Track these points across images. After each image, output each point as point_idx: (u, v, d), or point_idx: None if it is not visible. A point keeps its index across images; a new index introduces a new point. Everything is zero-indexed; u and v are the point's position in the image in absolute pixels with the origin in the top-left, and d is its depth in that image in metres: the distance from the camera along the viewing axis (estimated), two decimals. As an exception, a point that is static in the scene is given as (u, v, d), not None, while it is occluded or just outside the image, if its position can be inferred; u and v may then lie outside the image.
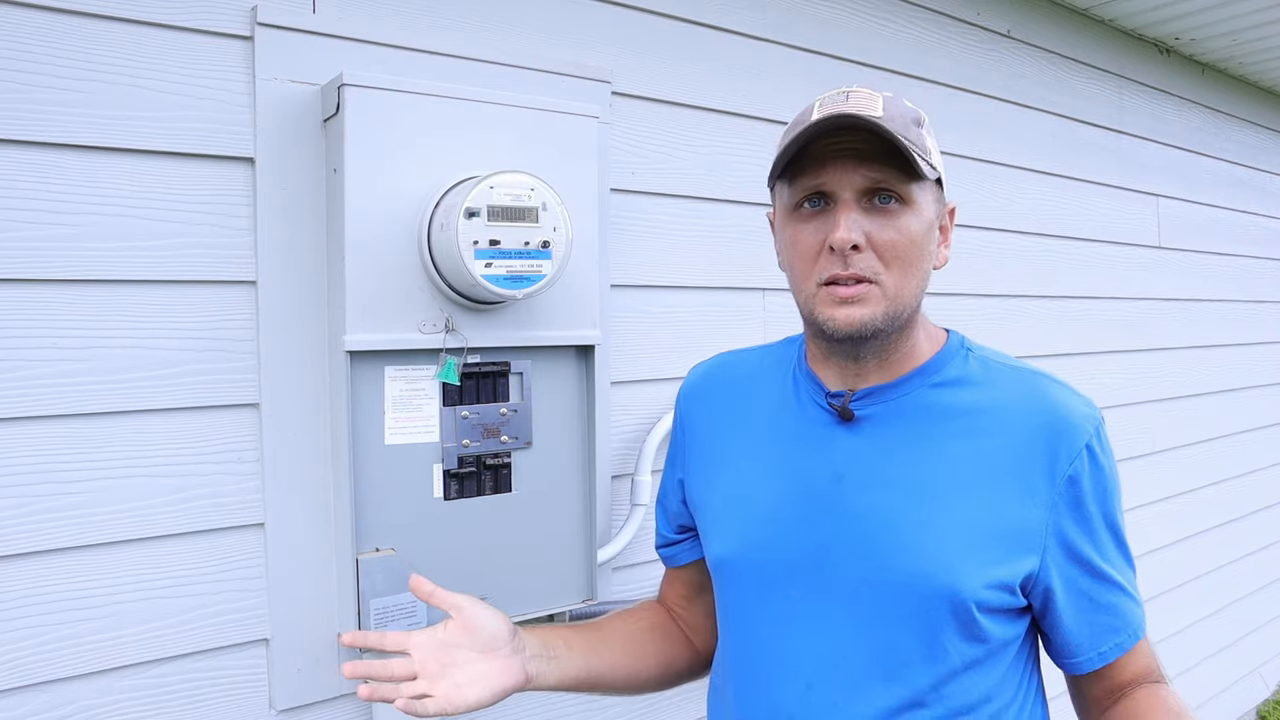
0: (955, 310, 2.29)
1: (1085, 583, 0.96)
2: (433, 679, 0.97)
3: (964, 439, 0.95)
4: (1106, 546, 0.97)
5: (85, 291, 1.17)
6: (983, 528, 0.92)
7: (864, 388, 0.99)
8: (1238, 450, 3.40)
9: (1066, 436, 0.94)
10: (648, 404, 1.71)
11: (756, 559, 1.01)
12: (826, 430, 1.00)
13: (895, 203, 0.91)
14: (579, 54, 1.61)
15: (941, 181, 0.97)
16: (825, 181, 0.91)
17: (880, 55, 2.12)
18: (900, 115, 0.92)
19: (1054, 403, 0.96)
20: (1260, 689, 3.61)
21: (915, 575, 0.92)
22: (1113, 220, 2.82)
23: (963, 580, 0.91)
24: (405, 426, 1.32)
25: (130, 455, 1.20)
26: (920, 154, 0.90)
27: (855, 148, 0.90)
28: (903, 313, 0.93)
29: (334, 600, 1.33)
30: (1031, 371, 1.00)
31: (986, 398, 0.97)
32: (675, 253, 1.75)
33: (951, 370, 0.99)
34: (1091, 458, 0.94)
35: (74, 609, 1.17)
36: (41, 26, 1.14)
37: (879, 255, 0.91)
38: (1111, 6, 2.64)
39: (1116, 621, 0.98)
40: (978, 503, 0.93)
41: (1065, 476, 0.93)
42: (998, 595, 0.92)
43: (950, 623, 0.92)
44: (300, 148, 1.31)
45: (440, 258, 1.26)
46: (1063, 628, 0.97)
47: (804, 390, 1.04)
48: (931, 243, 0.95)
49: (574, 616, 1.56)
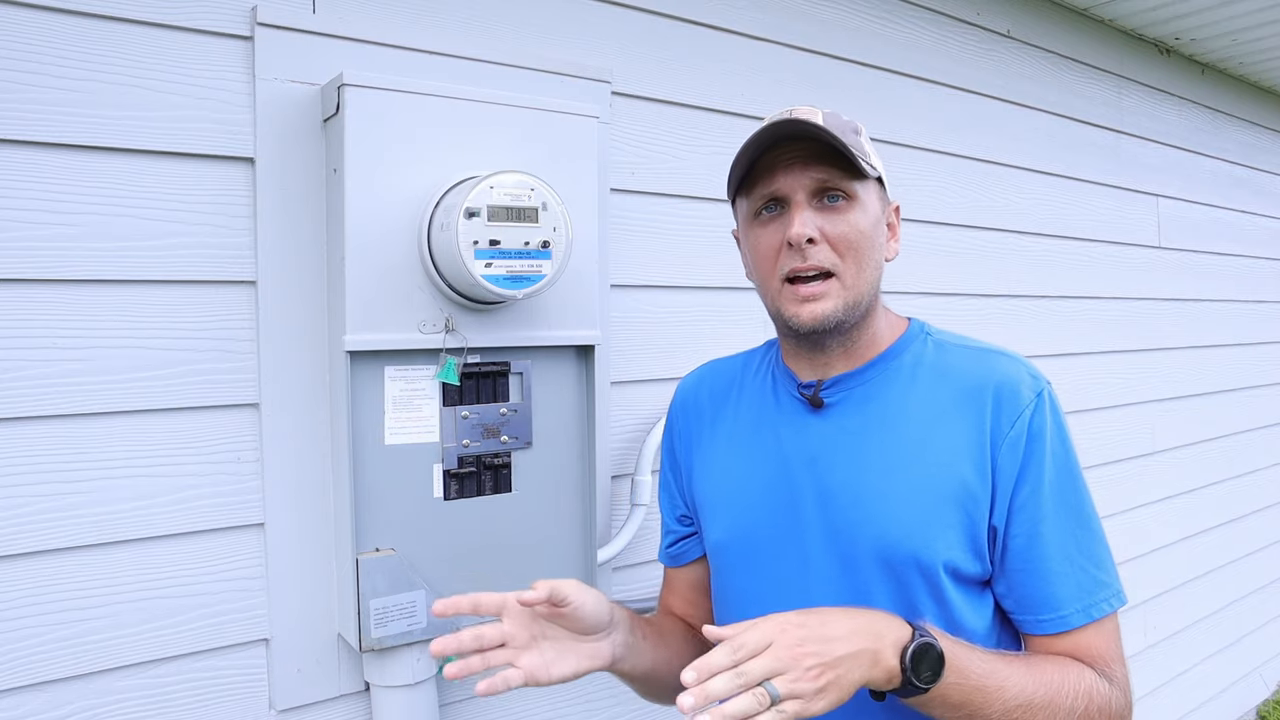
0: (955, 310, 2.29)
1: (1022, 542, 0.98)
2: (519, 650, 0.95)
3: (921, 412, 1.03)
4: (1049, 510, 0.98)
5: (85, 291, 1.17)
6: (939, 494, 0.99)
7: (832, 376, 1.07)
8: (1238, 450, 3.40)
9: (1010, 400, 1.00)
10: (648, 404, 1.71)
11: (746, 541, 1.09)
12: (801, 418, 1.09)
13: (843, 200, 1.01)
14: (579, 54, 1.61)
15: (883, 181, 1.07)
16: (779, 187, 1.01)
17: (880, 55, 2.12)
18: (839, 125, 1.02)
19: (1000, 372, 1.02)
20: (1260, 689, 3.61)
21: (882, 543, 0.99)
22: (1112, 220, 2.82)
23: (927, 543, 0.98)
24: (405, 426, 1.32)
25: (130, 455, 1.20)
26: (860, 155, 1.00)
27: (801, 154, 1.00)
28: (861, 302, 1.02)
29: (334, 600, 1.33)
30: (983, 348, 1.08)
31: (942, 375, 1.05)
32: (675, 253, 1.75)
33: (911, 353, 1.07)
34: (1035, 420, 0.99)
35: (74, 609, 1.17)
36: (41, 26, 1.14)
37: (833, 248, 1.00)
38: (1111, 6, 2.64)
39: (1060, 592, 0.98)
40: (934, 470, 1.00)
41: (1008, 439, 0.99)
42: (963, 557, 0.98)
43: (922, 587, 0.98)
44: (300, 148, 1.31)
45: (440, 258, 1.26)
46: (998, 588, 1.00)
47: (780, 384, 1.13)
48: (880, 236, 1.05)
49: (574, 616, 1.56)
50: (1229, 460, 3.34)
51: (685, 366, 1.77)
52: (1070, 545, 0.99)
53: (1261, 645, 3.61)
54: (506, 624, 0.95)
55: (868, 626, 0.86)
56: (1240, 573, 3.43)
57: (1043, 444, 0.99)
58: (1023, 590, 0.99)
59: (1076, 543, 0.99)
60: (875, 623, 0.87)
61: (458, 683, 1.46)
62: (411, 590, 1.30)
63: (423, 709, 1.36)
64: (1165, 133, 3.03)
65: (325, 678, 1.34)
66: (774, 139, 1.00)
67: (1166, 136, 3.03)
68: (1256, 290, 3.53)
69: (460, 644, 0.92)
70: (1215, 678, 3.29)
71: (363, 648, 1.26)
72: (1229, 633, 3.37)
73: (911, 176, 2.20)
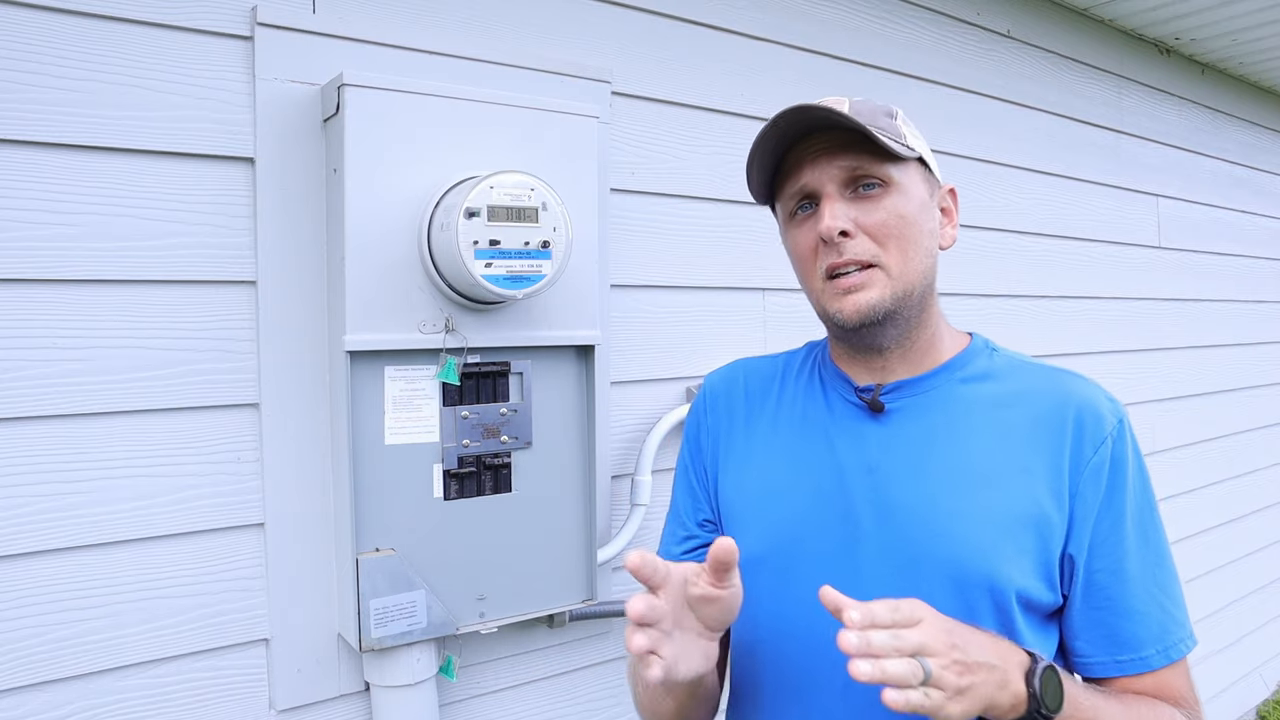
0: (955, 310, 2.27)
1: (1105, 578, 0.92)
2: (660, 639, 0.80)
3: (992, 430, 0.96)
4: (1133, 545, 0.93)
5: (85, 291, 1.17)
6: (1014, 516, 0.92)
7: (892, 381, 0.99)
8: (1238, 450, 3.39)
9: (1093, 425, 0.94)
10: (648, 404, 1.71)
11: (787, 553, 0.99)
12: (857, 424, 1.00)
13: (878, 187, 0.94)
14: (579, 54, 1.61)
15: (926, 162, 0.98)
16: (806, 181, 0.95)
17: (880, 55, 2.12)
18: (869, 109, 0.94)
19: (1079, 396, 0.96)
20: (1260, 689, 3.61)
21: (953, 563, 0.91)
22: (1112, 220, 2.82)
23: (1000, 567, 0.90)
24: (405, 426, 1.32)
25: (130, 455, 1.20)
26: (891, 137, 0.92)
27: (827, 145, 0.93)
28: (911, 291, 0.94)
29: (334, 600, 1.33)
30: (1056, 369, 1.01)
31: (1013, 391, 0.98)
32: (675, 253, 1.75)
33: (977, 366, 1.01)
34: (1117, 446, 0.94)
35: (74, 609, 1.17)
36: (41, 26, 1.14)
37: (873, 238, 0.93)
38: (1111, 6, 2.64)
39: (1141, 632, 0.92)
40: (1008, 492, 0.92)
41: (1091, 465, 0.92)
42: (1035, 585, 0.91)
43: (990, 614, 0.90)
44: (300, 148, 1.31)
45: (440, 258, 1.26)
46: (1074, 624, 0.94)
47: (831, 387, 1.04)
48: (928, 221, 0.97)
49: (574, 617, 1.56)
50: (1229, 460, 3.34)
51: (685, 366, 1.78)
52: (1151, 583, 0.94)
53: (1261, 645, 3.61)
54: (664, 603, 0.80)
55: (994, 645, 0.80)
56: (1240, 573, 3.43)
57: (1125, 473, 0.93)
58: (1103, 629, 0.93)
59: (1156, 580, 0.94)
60: (999, 644, 0.81)
61: (458, 683, 1.46)
62: (411, 590, 1.30)
63: (423, 709, 1.36)
64: (1165, 133, 3.03)
65: (325, 678, 1.34)
66: (793, 134, 0.94)
67: (1166, 136, 3.03)
68: (1256, 290, 3.53)
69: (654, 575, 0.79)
70: (1215, 678, 3.28)
71: (363, 648, 1.26)
72: (1229, 633, 3.37)
73: (911, 176, 2.20)
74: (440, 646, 1.40)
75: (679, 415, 1.69)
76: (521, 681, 1.56)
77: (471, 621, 1.36)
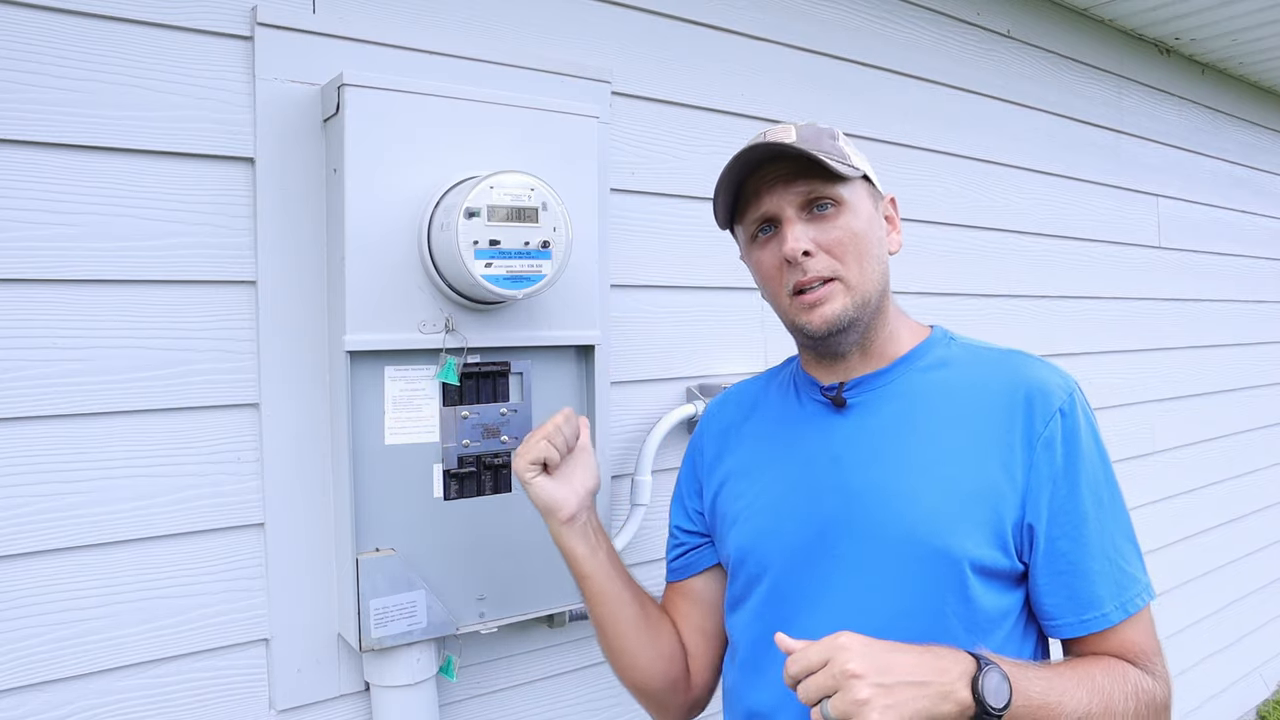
0: (955, 310, 2.29)
1: (1065, 544, 0.99)
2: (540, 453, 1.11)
3: (947, 413, 1.04)
4: (1089, 510, 1.00)
5: (85, 291, 1.17)
6: (968, 492, 1.00)
7: (854, 378, 1.09)
8: (1238, 450, 3.39)
9: (1041, 401, 1.01)
10: (648, 404, 1.71)
11: (769, 544, 1.09)
12: (824, 420, 1.10)
13: (831, 207, 1.04)
14: (579, 54, 1.61)
15: (869, 178, 1.09)
16: (767, 208, 1.05)
17: (880, 55, 2.12)
18: (813, 135, 1.05)
19: (1030, 375, 1.04)
20: (1260, 689, 3.61)
21: (911, 538, 0.99)
22: (1112, 220, 2.82)
23: (955, 539, 0.98)
24: (405, 426, 1.32)
25: (130, 455, 1.20)
26: (837, 159, 1.03)
27: (782, 172, 1.04)
28: (870, 299, 1.05)
29: (334, 600, 1.33)
30: (1011, 351, 1.10)
31: (967, 377, 1.07)
32: (675, 253, 1.75)
33: (935, 355, 1.10)
34: (1067, 420, 1.01)
35: (74, 609, 1.17)
36: (41, 26, 1.14)
37: (831, 254, 1.03)
38: (1111, 6, 2.64)
39: (1100, 590, 0.99)
40: (962, 469, 1.01)
41: (1042, 438, 1.00)
42: (990, 554, 0.98)
43: (949, 583, 0.98)
44: (300, 148, 1.31)
45: (440, 258, 1.26)
46: (1039, 588, 1.01)
47: (803, 391, 1.15)
48: (877, 231, 1.08)
49: (574, 617, 1.56)
50: (1229, 460, 3.34)
51: (685, 367, 1.78)
52: (1108, 544, 1.00)
53: (1261, 645, 3.61)
54: (567, 434, 1.14)
55: (933, 662, 0.86)
56: (1240, 573, 3.43)
57: (1077, 443, 1.01)
58: (1066, 590, 1.00)
59: (1113, 541, 1.01)
60: (940, 658, 0.87)
61: (458, 683, 1.46)
62: (411, 590, 1.30)
63: (423, 709, 1.36)
64: (1165, 133, 3.03)
65: (325, 678, 1.34)
66: (752, 165, 1.04)
67: (1166, 136, 3.03)
68: (1256, 290, 3.53)
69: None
70: (1215, 678, 3.29)
71: (363, 648, 1.26)
72: (1229, 633, 3.37)
73: (911, 176, 2.20)
74: (440, 646, 1.40)
75: (679, 415, 1.69)
76: (521, 681, 1.56)
77: (471, 621, 1.36)
